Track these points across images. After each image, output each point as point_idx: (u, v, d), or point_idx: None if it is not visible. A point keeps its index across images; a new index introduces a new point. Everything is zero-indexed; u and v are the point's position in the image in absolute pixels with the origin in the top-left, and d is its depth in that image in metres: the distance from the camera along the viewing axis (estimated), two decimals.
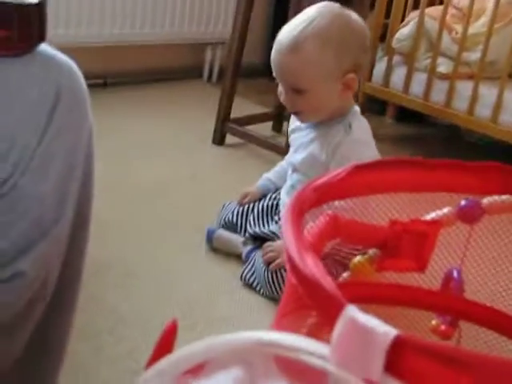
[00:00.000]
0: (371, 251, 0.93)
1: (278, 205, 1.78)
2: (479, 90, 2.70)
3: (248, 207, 1.83)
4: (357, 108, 1.66)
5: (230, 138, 2.66)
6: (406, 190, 0.92)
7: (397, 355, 0.57)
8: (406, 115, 3.24)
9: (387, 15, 2.97)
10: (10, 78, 0.87)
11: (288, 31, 1.53)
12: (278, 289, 1.64)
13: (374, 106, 3.20)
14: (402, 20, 2.96)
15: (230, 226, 1.85)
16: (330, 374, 0.59)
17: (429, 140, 3.22)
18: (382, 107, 3.31)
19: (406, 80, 2.91)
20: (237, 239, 1.81)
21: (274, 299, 1.65)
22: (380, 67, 2.99)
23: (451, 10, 2.87)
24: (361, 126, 1.62)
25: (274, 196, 1.81)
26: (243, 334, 0.64)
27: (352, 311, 0.59)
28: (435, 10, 2.89)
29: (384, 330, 0.57)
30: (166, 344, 0.70)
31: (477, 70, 2.71)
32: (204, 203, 2.11)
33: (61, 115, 0.89)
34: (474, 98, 2.72)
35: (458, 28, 2.83)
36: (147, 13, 3.13)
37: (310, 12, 1.53)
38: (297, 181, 1.68)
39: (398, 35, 2.91)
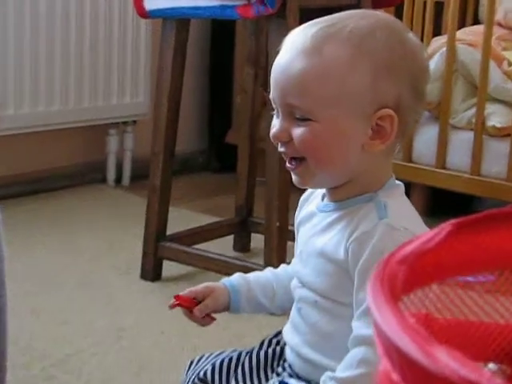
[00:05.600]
0: (490, 366, 0.74)
1: (281, 351, 1.50)
2: None
3: (232, 358, 1.53)
4: (398, 182, 1.41)
5: (168, 268, 2.21)
6: None
7: None
8: (442, 204, 2.69)
9: None
10: None
11: (309, 27, 1.30)
12: None
13: None
14: None
15: None
16: None
17: None
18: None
19: (439, 146, 2.33)
20: None
21: None
22: None
23: (496, 31, 2.35)
24: (402, 207, 1.36)
25: (273, 340, 1.52)
26: None
27: None
28: (470, 33, 2.37)
29: None
30: None
31: None
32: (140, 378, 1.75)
33: None
34: None
35: (511, 55, 2.36)
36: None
37: (344, 13, 1.34)
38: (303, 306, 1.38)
39: None
